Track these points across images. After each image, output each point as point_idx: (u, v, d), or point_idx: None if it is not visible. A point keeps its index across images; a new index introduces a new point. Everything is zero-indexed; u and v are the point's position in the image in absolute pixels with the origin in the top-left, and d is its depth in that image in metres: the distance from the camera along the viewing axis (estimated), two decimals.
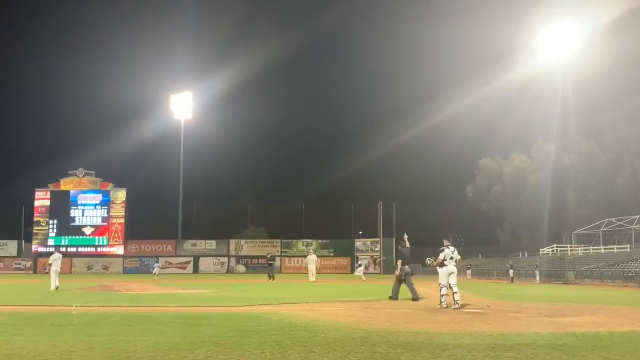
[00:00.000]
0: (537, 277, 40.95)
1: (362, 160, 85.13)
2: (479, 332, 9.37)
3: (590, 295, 22.72)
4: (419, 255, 22.63)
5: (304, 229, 66.09)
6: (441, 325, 10.28)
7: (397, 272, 17.12)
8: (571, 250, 49.98)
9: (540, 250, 49.94)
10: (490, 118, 71.21)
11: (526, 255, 54.58)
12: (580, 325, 10.45)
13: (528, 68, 62.68)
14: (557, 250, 49.04)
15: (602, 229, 51.10)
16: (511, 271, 43.46)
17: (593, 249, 48.79)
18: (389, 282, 25.70)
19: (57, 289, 23.86)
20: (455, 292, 13.83)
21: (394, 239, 59.09)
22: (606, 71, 56.24)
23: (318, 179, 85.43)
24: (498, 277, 48.46)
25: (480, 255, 63.50)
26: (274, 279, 32.16)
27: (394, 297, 16.78)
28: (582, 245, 51.53)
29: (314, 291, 22.74)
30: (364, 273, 38.26)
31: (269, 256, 40.01)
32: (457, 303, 13.72)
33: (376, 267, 60.77)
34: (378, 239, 62.29)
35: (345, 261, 61.99)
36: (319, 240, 63.72)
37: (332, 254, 62.77)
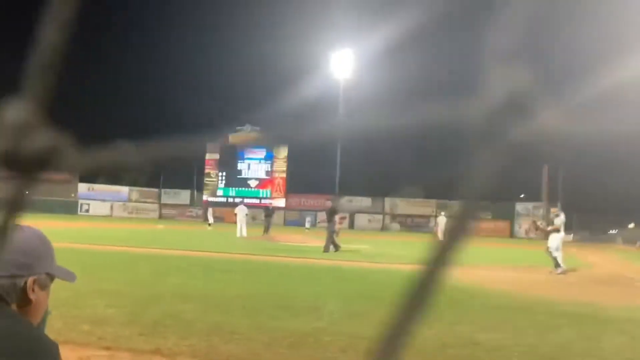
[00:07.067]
0: None
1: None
2: None
3: None
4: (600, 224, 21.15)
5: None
6: (610, 298, 9.63)
7: (337, 227, 19.01)
8: None
9: None
10: None
11: None
12: None
13: None
14: None
15: None
16: None
17: None
18: None
19: (242, 237, 25.59)
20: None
21: (558, 205, 55.71)
22: None
23: None
24: None
25: None
26: (266, 232, 30.23)
27: (328, 249, 17.87)
28: None
29: (468, 253, 22.36)
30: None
31: (272, 206, 39.95)
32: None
33: (538, 232, 57.96)
34: (541, 204, 59.13)
35: (504, 224, 59.96)
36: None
37: (490, 217, 60.91)
